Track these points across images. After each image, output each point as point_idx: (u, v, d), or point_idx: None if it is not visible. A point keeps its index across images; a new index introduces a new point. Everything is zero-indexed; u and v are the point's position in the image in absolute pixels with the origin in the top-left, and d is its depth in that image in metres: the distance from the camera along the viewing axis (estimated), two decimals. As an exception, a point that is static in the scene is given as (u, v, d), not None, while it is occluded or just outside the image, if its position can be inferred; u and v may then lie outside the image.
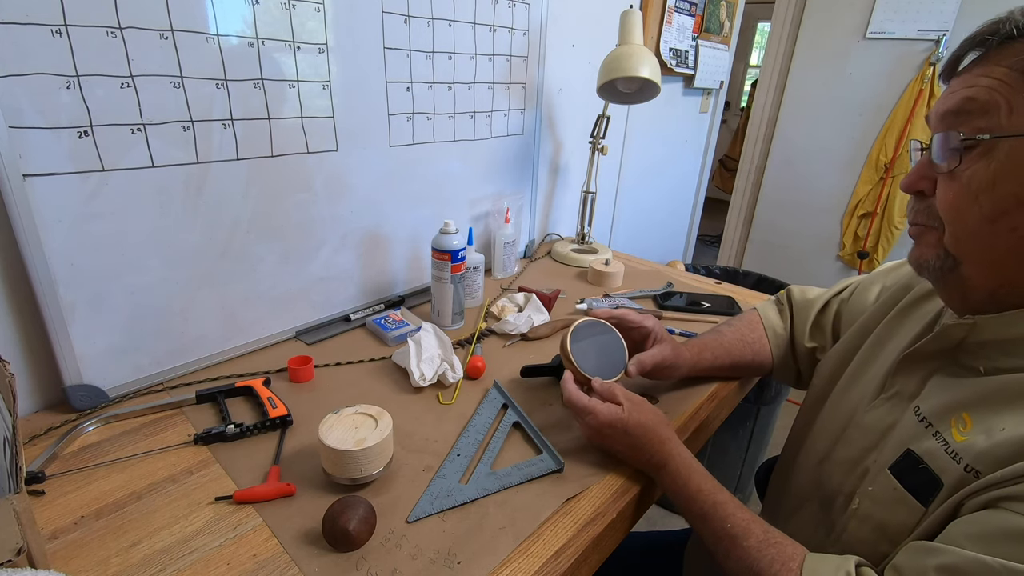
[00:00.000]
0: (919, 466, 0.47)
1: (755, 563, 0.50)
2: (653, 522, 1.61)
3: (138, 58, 0.66)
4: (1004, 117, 0.41)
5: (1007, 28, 0.42)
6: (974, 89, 0.43)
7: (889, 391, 0.56)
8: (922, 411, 0.50)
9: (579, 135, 1.50)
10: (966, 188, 0.44)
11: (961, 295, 0.49)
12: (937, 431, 0.47)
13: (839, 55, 2.34)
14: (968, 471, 0.43)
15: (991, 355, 0.47)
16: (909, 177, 0.49)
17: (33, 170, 0.62)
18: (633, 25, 1.17)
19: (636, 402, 0.65)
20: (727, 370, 0.83)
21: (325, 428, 0.61)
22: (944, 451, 0.46)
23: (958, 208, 0.45)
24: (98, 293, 0.71)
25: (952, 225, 0.46)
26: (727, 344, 0.82)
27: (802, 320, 0.80)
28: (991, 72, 0.43)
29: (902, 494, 0.48)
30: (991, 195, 0.43)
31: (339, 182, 0.92)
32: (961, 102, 0.44)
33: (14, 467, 0.44)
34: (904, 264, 0.68)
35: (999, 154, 0.42)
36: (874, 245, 2.40)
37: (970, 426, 0.45)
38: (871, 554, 0.49)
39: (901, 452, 0.49)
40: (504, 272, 1.25)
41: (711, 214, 3.11)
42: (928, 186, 0.48)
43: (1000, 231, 0.43)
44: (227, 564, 0.52)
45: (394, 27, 0.92)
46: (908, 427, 0.51)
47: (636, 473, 0.66)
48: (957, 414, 0.47)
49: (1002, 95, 0.42)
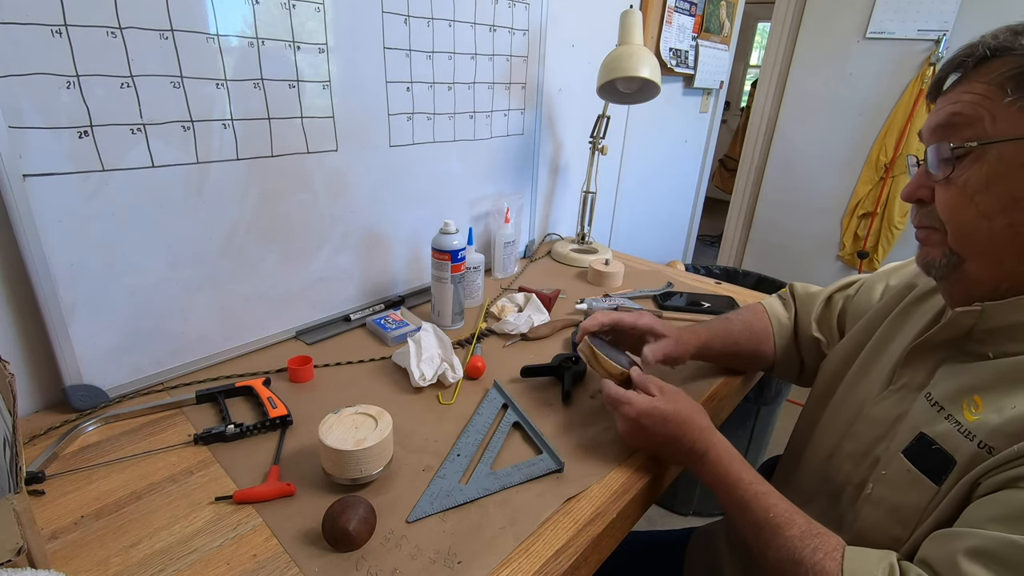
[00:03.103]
0: (932, 447, 0.49)
1: (798, 552, 0.50)
2: (653, 522, 1.61)
3: (138, 58, 0.66)
4: (989, 125, 0.46)
5: (981, 51, 0.47)
6: (959, 105, 0.48)
7: (897, 383, 0.57)
8: (934, 396, 0.52)
9: (579, 135, 1.50)
10: (962, 191, 0.48)
11: (965, 291, 0.51)
12: (949, 414, 0.49)
13: (839, 55, 2.34)
14: (982, 447, 0.45)
15: (999, 341, 0.49)
16: (908, 188, 0.54)
17: (33, 170, 0.62)
18: (633, 25, 1.17)
19: (672, 392, 0.66)
20: (731, 358, 0.84)
21: (325, 428, 0.61)
22: (957, 431, 0.48)
23: (957, 209, 0.49)
24: (98, 293, 0.71)
25: (952, 225, 0.49)
26: (735, 333, 0.83)
27: (806, 311, 0.81)
28: (972, 89, 0.47)
29: (916, 475, 0.50)
30: (986, 195, 0.46)
31: (339, 182, 0.92)
32: (948, 116, 0.49)
33: (14, 467, 0.44)
34: (908, 264, 0.70)
35: (990, 158, 0.46)
36: (874, 245, 2.40)
37: (981, 407, 0.47)
38: (884, 537, 0.51)
39: (914, 436, 0.51)
40: (504, 272, 1.25)
41: (711, 214, 3.11)
42: (927, 194, 0.52)
43: (997, 227, 0.46)
44: (227, 564, 0.52)
45: (394, 27, 0.92)
46: (920, 412, 0.52)
47: (636, 473, 0.66)
48: (968, 396, 0.49)
49: (984, 108, 0.46)
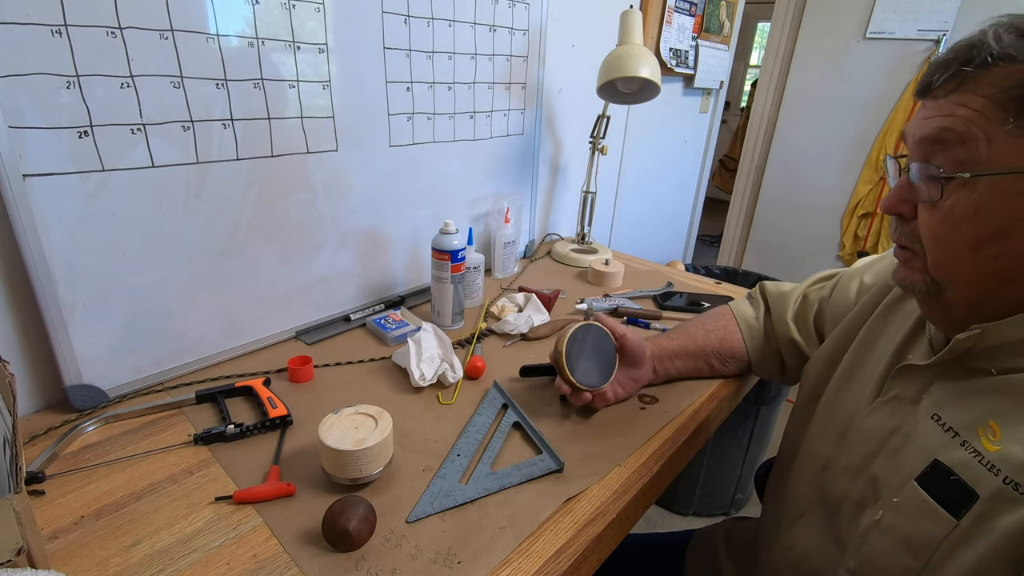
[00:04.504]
0: (950, 477, 0.45)
1: None
2: (653, 522, 1.61)
3: (138, 58, 0.66)
4: (983, 149, 0.41)
5: (982, 55, 0.41)
6: (951, 119, 0.43)
7: (887, 395, 0.55)
8: (944, 420, 0.48)
9: (579, 135, 1.50)
10: (947, 217, 0.44)
11: (945, 313, 0.49)
12: (965, 440, 0.46)
13: (839, 55, 2.34)
14: (1007, 483, 0.41)
15: (1001, 358, 0.46)
16: (889, 199, 0.50)
17: (33, 170, 0.62)
18: (633, 25, 1.17)
19: None
20: (695, 358, 0.84)
21: (325, 428, 0.61)
22: (978, 462, 0.44)
23: (940, 237, 0.45)
24: (98, 293, 0.71)
25: (934, 253, 0.47)
26: (691, 331, 0.85)
27: (781, 310, 0.79)
28: (968, 102, 0.42)
29: (931, 506, 0.45)
30: (973, 225, 0.43)
31: (339, 182, 0.92)
32: (938, 131, 0.44)
33: (14, 467, 0.44)
34: (882, 259, 0.68)
35: (980, 186, 0.42)
36: (874, 245, 2.40)
37: (1000, 434, 0.43)
38: (894, 567, 0.47)
39: (928, 463, 0.47)
40: (504, 272, 1.25)
41: (711, 214, 3.11)
42: (908, 209, 0.49)
43: (981, 260, 0.44)
44: (227, 564, 0.52)
45: (394, 27, 0.92)
46: (931, 436, 0.48)
47: (636, 473, 0.66)
48: (984, 423, 0.45)
49: (980, 127, 0.41)
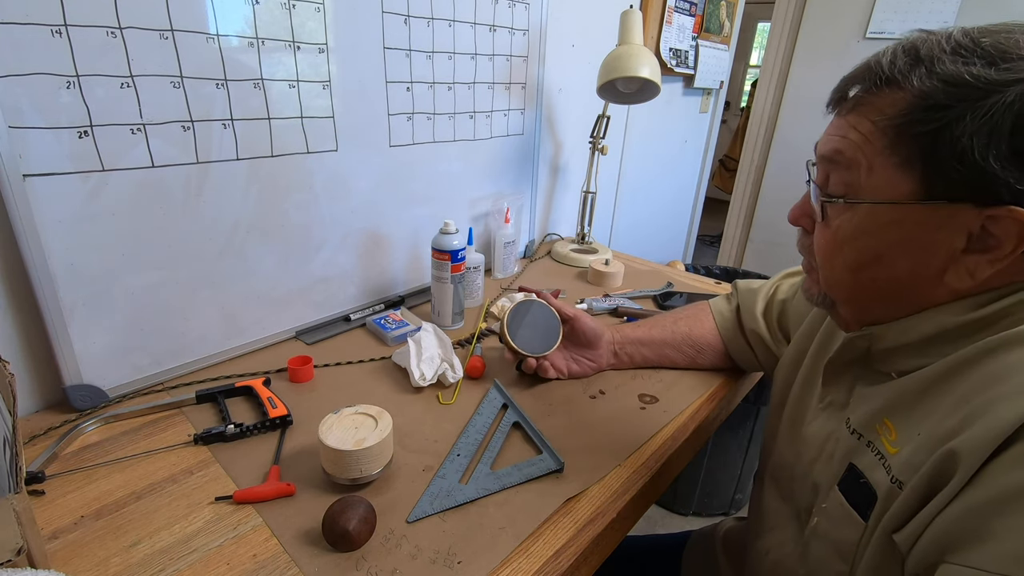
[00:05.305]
0: (860, 480, 0.46)
1: None
2: (653, 522, 1.61)
3: (138, 58, 0.66)
4: (864, 175, 0.43)
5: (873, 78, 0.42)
6: (844, 141, 0.44)
7: (824, 400, 0.55)
8: (852, 423, 0.49)
9: (579, 135, 1.50)
10: (834, 236, 0.46)
11: (844, 323, 0.52)
12: (869, 441, 0.47)
13: (839, 55, 2.34)
14: (894, 482, 0.42)
15: (897, 360, 0.47)
16: (793, 211, 0.52)
17: (33, 170, 0.62)
18: (633, 25, 1.17)
19: None
20: (662, 345, 0.87)
21: (325, 428, 0.61)
22: (880, 464, 0.45)
23: (828, 256, 0.48)
24: (98, 293, 0.71)
25: (823, 271, 0.49)
26: (658, 320, 0.89)
27: (749, 306, 0.80)
28: (859, 125, 0.43)
29: (848, 510, 0.46)
30: (853, 248, 0.45)
31: (339, 182, 0.92)
32: (832, 152, 0.45)
33: (14, 467, 0.44)
34: None
35: (860, 212, 0.44)
36: (874, 245, 2.39)
37: (895, 434, 0.44)
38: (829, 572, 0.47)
39: (846, 467, 0.48)
40: (504, 272, 1.25)
41: (711, 214, 3.11)
42: (808, 223, 0.51)
43: (862, 281, 0.46)
44: (227, 564, 0.52)
45: (394, 27, 0.92)
46: (846, 440, 0.50)
47: (636, 473, 0.66)
48: (879, 420, 0.46)
49: (864, 153, 0.42)
